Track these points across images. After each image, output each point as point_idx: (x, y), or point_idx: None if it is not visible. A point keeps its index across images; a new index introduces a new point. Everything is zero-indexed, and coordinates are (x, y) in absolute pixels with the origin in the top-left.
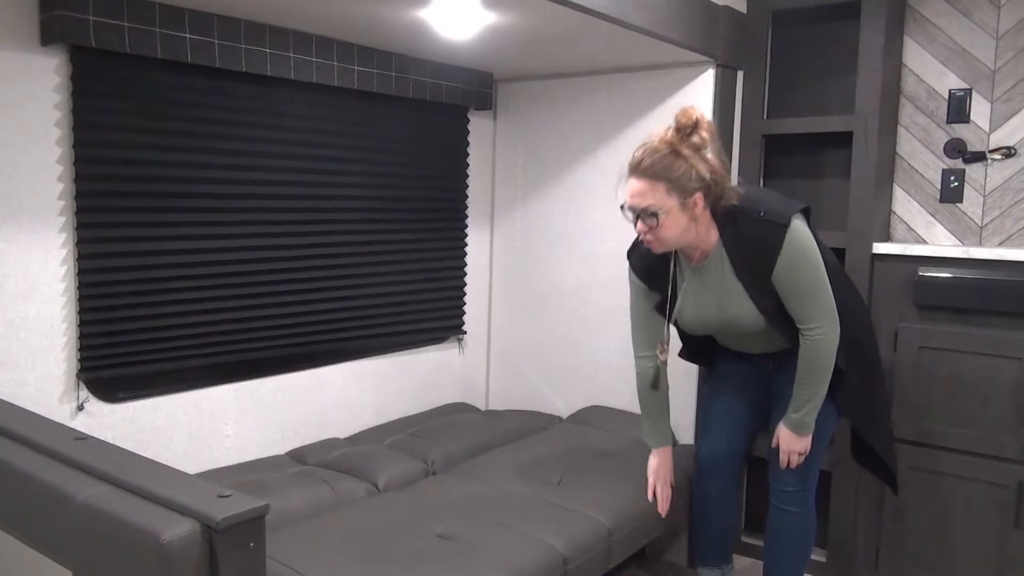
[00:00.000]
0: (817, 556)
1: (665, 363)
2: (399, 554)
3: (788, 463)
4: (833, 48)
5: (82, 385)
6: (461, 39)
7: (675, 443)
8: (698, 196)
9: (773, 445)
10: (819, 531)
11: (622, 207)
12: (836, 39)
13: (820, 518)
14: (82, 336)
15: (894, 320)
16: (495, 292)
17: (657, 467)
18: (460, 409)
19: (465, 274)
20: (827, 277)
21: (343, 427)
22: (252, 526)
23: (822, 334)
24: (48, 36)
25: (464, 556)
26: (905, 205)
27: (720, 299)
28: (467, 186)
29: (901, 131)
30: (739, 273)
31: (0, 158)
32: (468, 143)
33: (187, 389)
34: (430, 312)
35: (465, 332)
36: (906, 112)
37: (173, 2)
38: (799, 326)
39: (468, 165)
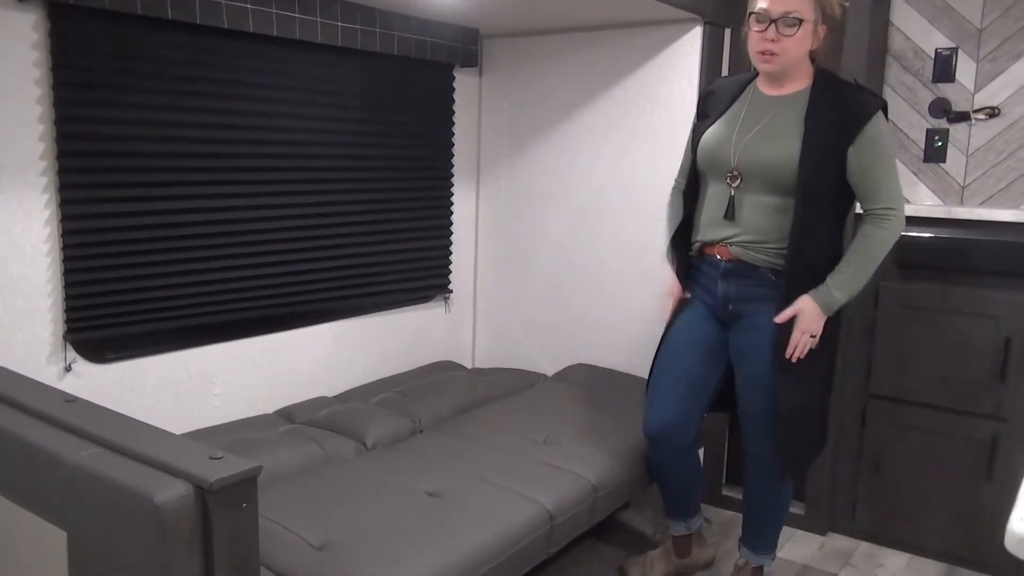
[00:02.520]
0: (795, 509)
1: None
2: (388, 512)
3: (795, 348)
4: None
5: (69, 346)
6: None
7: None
8: (824, 28)
9: (742, 407)
10: (797, 486)
11: (750, 14)
12: None
13: None
14: (68, 297)
15: (875, 279)
16: (481, 251)
17: (672, 285)
18: (446, 367)
19: (451, 233)
20: (897, 171)
21: (331, 386)
22: (245, 487)
23: (891, 217)
24: None
25: (452, 513)
26: None
27: (770, 130)
28: (453, 144)
29: (887, 90)
30: (810, 119)
31: None
32: (453, 101)
33: (175, 349)
34: (416, 271)
35: (451, 291)
36: (892, 71)
37: None
38: (869, 206)
39: (453, 123)
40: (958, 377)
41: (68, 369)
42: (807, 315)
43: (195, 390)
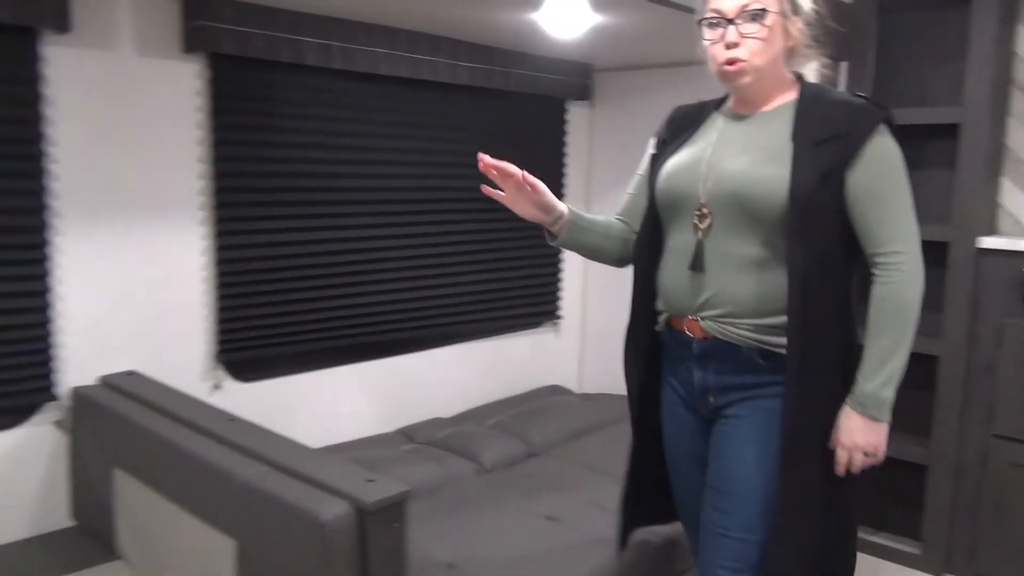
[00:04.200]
0: (911, 548)
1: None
2: (511, 534)
3: (848, 466)
4: (938, 36)
5: (219, 366)
6: (569, 39)
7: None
8: (799, 23)
9: (715, 484)
10: (912, 523)
11: (700, 21)
12: (941, 27)
13: (913, 509)
14: (220, 321)
15: (999, 316)
16: (590, 278)
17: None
18: (555, 392)
19: (561, 260)
20: (911, 202)
21: (446, 407)
22: (398, 508)
23: (903, 267)
24: (190, 44)
25: (571, 538)
26: (1013, 198)
27: (748, 152)
28: (565, 175)
29: (1011, 121)
30: (798, 135)
31: (150, 158)
32: (566, 133)
33: (308, 370)
34: (528, 298)
35: (561, 317)
36: (1017, 102)
37: (296, 8)
38: (872, 251)
39: (566, 155)
40: None
41: (217, 387)
42: (846, 427)
43: (325, 409)
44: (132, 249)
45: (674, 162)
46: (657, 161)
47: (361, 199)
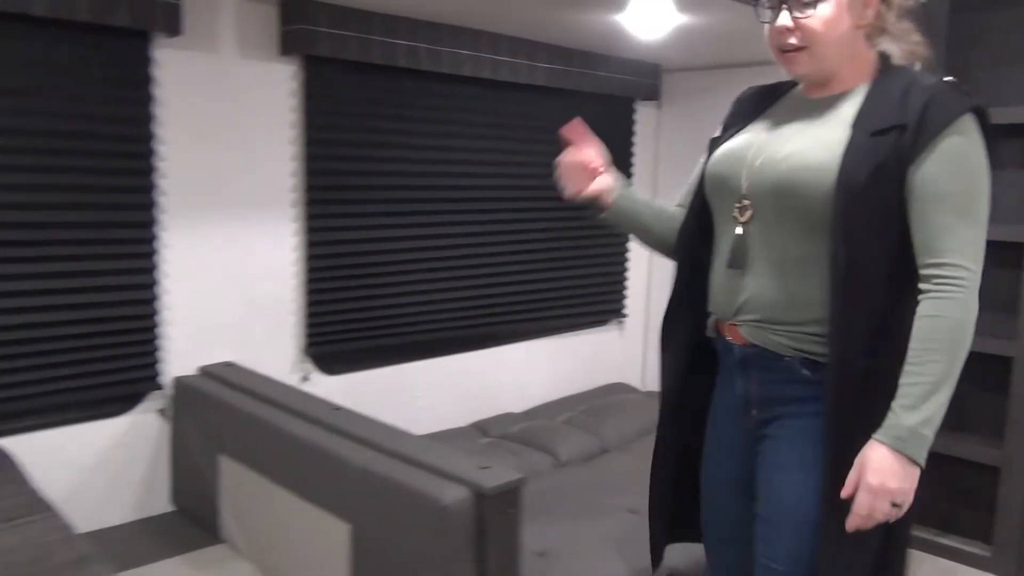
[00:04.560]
0: (981, 551)
1: None
2: (597, 526)
3: (869, 515)
4: (1012, 35)
5: (307, 359)
6: (652, 39)
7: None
8: (875, 2)
9: (762, 512)
10: (983, 525)
11: (756, 2)
12: (1015, 25)
13: (984, 511)
14: (310, 315)
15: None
16: (654, 276)
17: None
18: (621, 389)
19: (627, 260)
20: (986, 214)
21: (515, 402)
22: (513, 494)
23: (966, 283)
24: (287, 47)
25: None
26: None
27: (798, 140)
28: (632, 175)
29: None
30: (858, 123)
31: (247, 158)
32: (634, 133)
33: (388, 364)
34: (594, 296)
35: (626, 315)
36: None
37: (387, 10)
38: (928, 261)
39: (633, 154)
40: None
41: (306, 379)
42: (877, 467)
43: (404, 402)
44: (230, 244)
45: (725, 148)
46: (714, 145)
47: (439, 197)
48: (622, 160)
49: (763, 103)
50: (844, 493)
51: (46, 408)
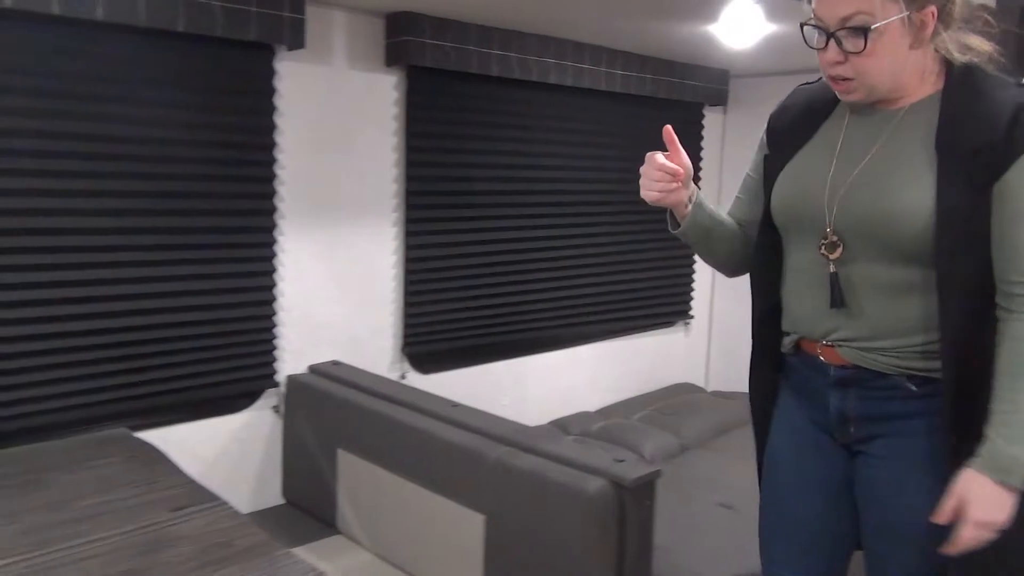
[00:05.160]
0: None
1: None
2: (694, 519)
3: (963, 544)
4: None
5: (404, 358)
6: (742, 48)
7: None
8: (931, 10)
9: (871, 561)
10: None
11: (803, 25)
12: None
13: None
14: (407, 315)
15: None
16: (718, 279)
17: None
18: (688, 389)
19: (694, 262)
20: None
21: (589, 402)
22: (650, 486)
23: None
24: (392, 58)
25: (749, 524)
26: None
27: (882, 165)
28: (699, 180)
29: None
30: (943, 140)
31: (354, 165)
32: (702, 138)
33: (474, 364)
34: (662, 298)
35: (692, 317)
36: None
37: (483, 22)
38: (1011, 279)
39: (701, 159)
40: None
41: (402, 377)
42: (982, 502)
43: (489, 400)
44: (338, 248)
45: (793, 173)
46: (772, 163)
47: (523, 202)
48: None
49: (817, 112)
50: (940, 520)
51: (175, 405)
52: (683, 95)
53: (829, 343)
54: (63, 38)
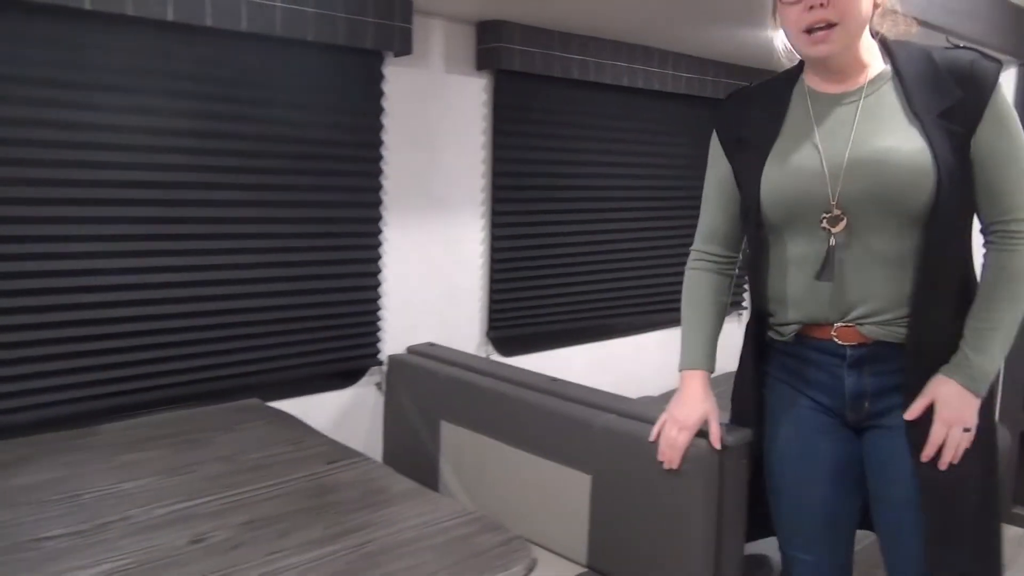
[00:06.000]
0: None
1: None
2: None
3: (941, 449)
4: None
5: (488, 342)
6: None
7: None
8: None
9: (883, 532)
10: None
11: None
12: None
13: None
14: (492, 302)
15: None
16: None
17: (683, 402)
18: None
19: (747, 252)
20: None
21: (653, 386)
22: (746, 447)
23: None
24: (482, 63)
25: None
26: None
27: (872, 133)
28: None
29: None
30: (918, 109)
31: (447, 162)
32: None
33: (551, 348)
34: None
35: (745, 307)
36: None
37: (565, 28)
38: (995, 219)
39: None
40: None
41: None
42: (949, 401)
43: None
44: (433, 239)
45: (778, 163)
46: (745, 164)
47: (599, 196)
48: None
49: (771, 109)
50: (909, 416)
51: (291, 380)
52: None
53: (847, 324)
54: (214, 47)
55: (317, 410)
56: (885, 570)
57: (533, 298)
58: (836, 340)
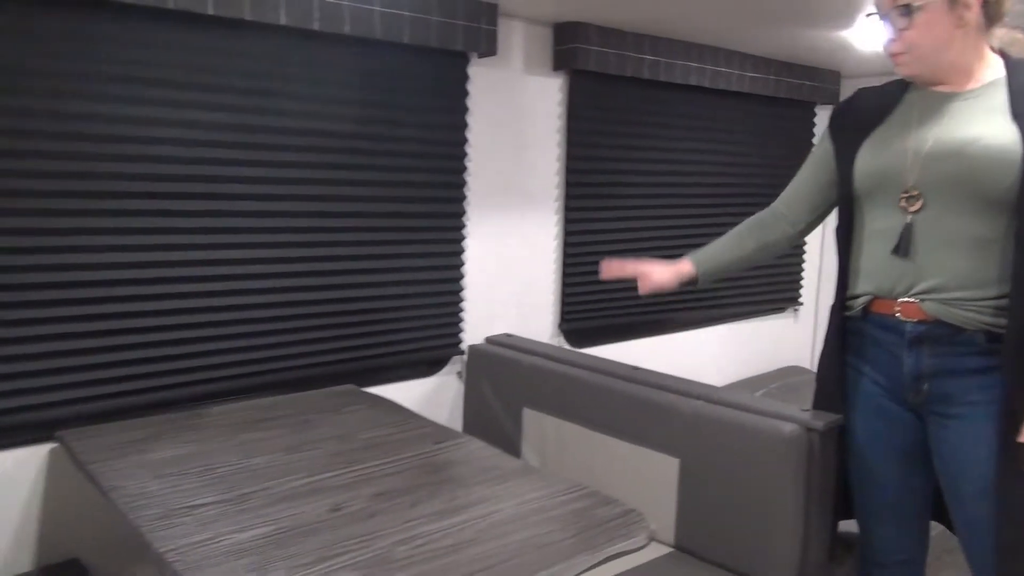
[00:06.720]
0: None
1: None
2: None
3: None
4: None
5: (560, 334)
6: (876, 51)
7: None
8: (975, 8)
9: (960, 526)
10: None
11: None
12: None
13: None
14: (564, 295)
15: None
16: (825, 269)
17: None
18: (798, 372)
19: (804, 252)
20: None
21: (711, 379)
22: (835, 431)
23: None
24: (559, 63)
25: None
26: None
27: (962, 123)
28: None
29: None
30: (1018, 110)
31: (526, 159)
32: (814, 135)
33: (619, 340)
34: (775, 285)
35: (802, 303)
36: None
37: (636, 29)
38: None
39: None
40: None
41: None
42: None
43: None
44: (510, 233)
45: (872, 146)
46: (846, 146)
47: (666, 192)
48: (798, 161)
49: (885, 103)
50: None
51: (379, 368)
52: (801, 95)
53: (911, 298)
54: (320, 50)
55: (403, 396)
56: (967, 561)
57: (603, 292)
58: (899, 315)
